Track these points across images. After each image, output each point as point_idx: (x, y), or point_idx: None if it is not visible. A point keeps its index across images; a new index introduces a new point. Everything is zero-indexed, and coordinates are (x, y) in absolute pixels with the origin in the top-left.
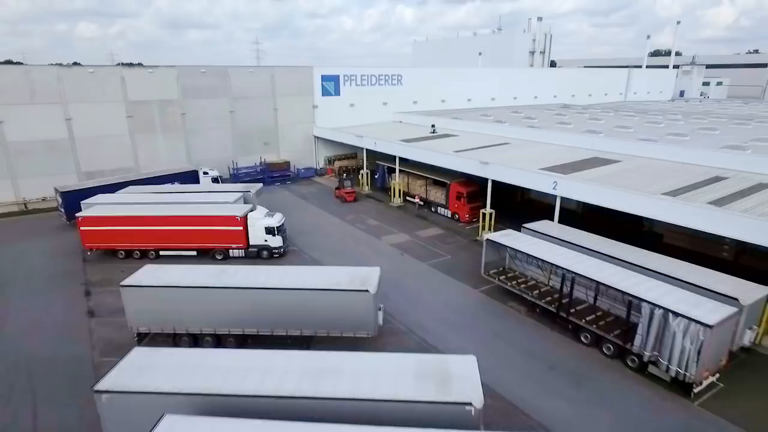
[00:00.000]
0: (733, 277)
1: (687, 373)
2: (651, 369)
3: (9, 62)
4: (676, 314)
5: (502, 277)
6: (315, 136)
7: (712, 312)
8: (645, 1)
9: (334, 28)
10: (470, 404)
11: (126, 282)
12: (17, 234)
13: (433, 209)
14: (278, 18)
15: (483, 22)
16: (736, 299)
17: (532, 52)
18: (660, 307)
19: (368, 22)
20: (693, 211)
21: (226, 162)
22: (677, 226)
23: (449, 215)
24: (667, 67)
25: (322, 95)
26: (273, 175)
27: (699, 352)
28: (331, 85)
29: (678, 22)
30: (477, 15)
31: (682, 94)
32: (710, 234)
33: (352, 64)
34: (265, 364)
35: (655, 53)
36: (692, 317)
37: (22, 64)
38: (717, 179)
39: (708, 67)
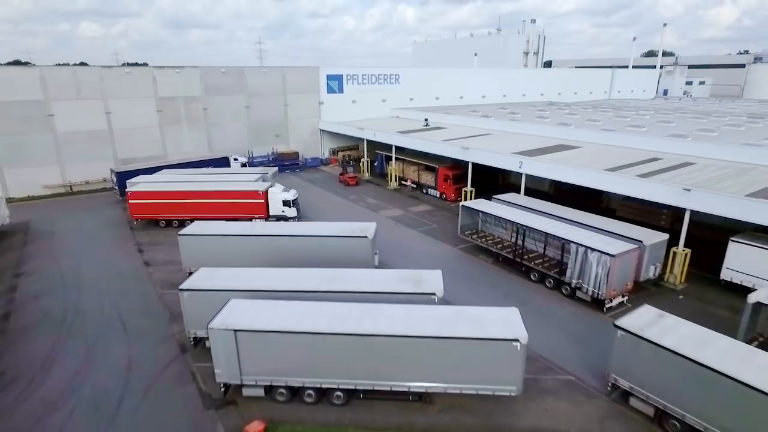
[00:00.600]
0: (645, 228)
1: (599, 292)
2: (578, 294)
3: (18, 62)
4: (593, 249)
5: (474, 236)
6: (321, 129)
7: (618, 248)
8: (647, 0)
9: (336, 27)
10: (434, 294)
11: (183, 232)
12: (69, 210)
13: (424, 191)
14: (280, 18)
15: (484, 22)
16: (641, 241)
17: (526, 53)
18: (582, 245)
19: (370, 21)
20: (623, 181)
21: (242, 151)
22: (627, 199)
23: (438, 195)
24: (655, 67)
25: (327, 93)
26: (283, 164)
27: (607, 276)
28: (336, 83)
29: (664, 24)
30: (478, 15)
31: (665, 92)
32: (645, 201)
33: (354, 63)
34: (292, 275)
35: (649, 53)
36: (602, 250)
37: (30, 64)
38: (653, 159)
39: (692, 67)
